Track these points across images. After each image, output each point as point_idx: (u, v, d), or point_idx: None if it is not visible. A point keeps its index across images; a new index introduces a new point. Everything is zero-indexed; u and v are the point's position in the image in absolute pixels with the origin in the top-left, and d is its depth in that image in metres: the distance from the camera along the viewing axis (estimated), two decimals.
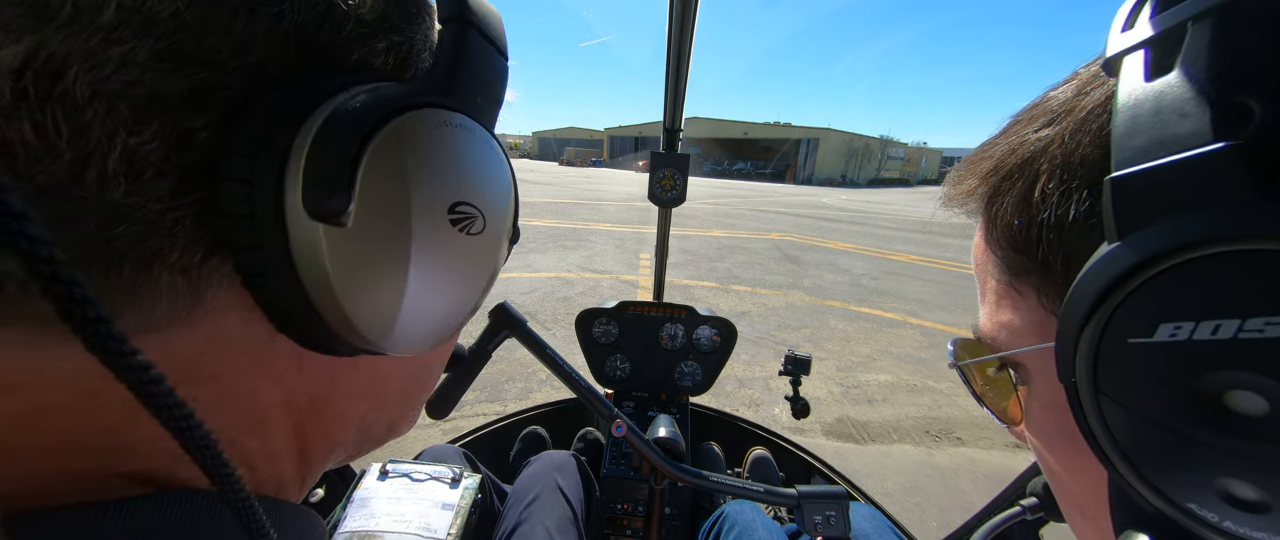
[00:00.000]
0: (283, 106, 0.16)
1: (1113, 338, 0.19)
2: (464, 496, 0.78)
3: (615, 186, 20.37)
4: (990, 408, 0.34)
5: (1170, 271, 0.17)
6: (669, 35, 0.78)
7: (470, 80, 0.23)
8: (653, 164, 1.15)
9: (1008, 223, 0.26)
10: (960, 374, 0.35)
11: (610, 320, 1.41)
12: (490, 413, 2.28)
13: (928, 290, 5.55)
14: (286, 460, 0.23)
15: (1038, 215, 0.23)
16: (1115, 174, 0.18)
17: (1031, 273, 0.25)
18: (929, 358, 3.49)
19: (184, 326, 0.17)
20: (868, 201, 22.28)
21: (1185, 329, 0.17)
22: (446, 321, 0.23)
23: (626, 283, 5.05)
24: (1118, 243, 0.18)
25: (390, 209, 0.18)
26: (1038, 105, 0.26)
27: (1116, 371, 0.19)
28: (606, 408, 0.77)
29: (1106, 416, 0.20)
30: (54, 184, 0.13)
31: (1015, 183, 0.25)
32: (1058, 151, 0.23)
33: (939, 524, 1.79)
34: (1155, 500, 0.19)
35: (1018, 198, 0.25)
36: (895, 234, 10.64)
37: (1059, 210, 0.22)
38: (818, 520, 0.71)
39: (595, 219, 9.76)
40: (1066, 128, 0.23)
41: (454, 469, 0.82)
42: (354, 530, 0.69)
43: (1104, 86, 0.22)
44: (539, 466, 0.99)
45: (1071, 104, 0.23)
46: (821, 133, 48.49)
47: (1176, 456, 0.18)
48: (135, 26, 0.14)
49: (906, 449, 2.34)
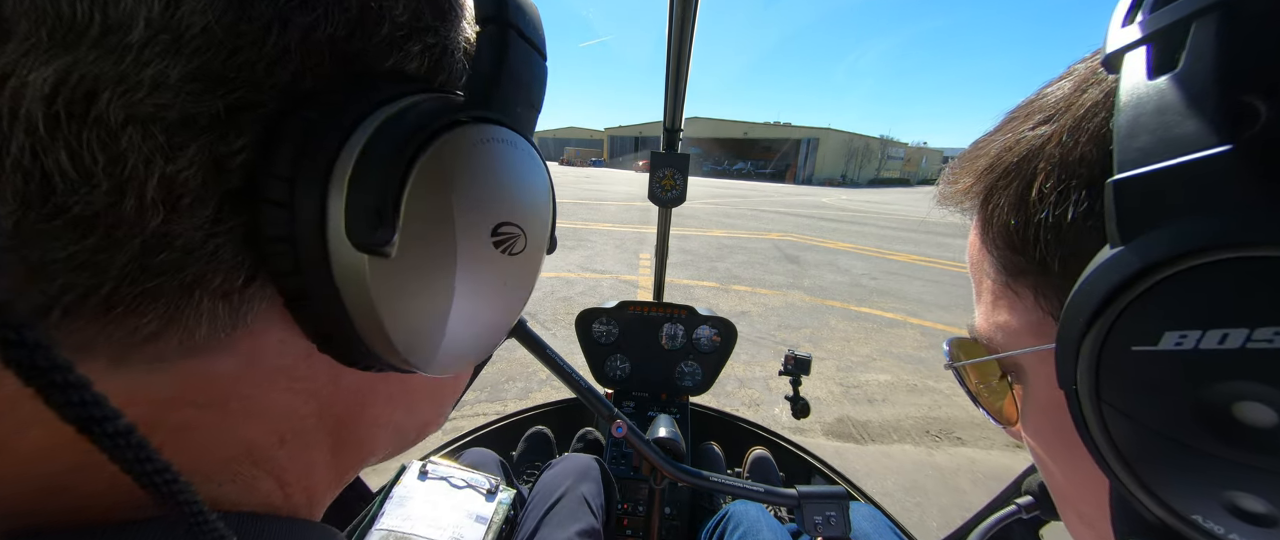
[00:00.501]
0: (322, 125, 0.16)
1: (1115, 345, 0.18)
2: (498, 511, 0.78)
3: (615, 186, 20.36)
4: (986, 408, 0.34)
5: (1175, 278, 0.16)
6: (669, 35, 0.78)
7: (511, 87, 0.21)
8: (653, 164, 1.15)
9: (1004, 222, 0.25)
10: (956, 374, 0.35)
11: (610, 320, 1.41)
12: (490, 413, 2.28)
13: (928, 290, 5.55)
14: (321, 471, 0.23)
15: (1035, 215, 0.23)
16: (1117, 176, 0.18)
17: (1028, 273, 0.25)
18: (929, 358, 3.49)
19: (225, 349, 0.17)
20: (868, 201, 22.27)
21: (1191, 338, 0.16)
22: (488, 341, 0.23)
23: (626, 282, 5.05)
24: (1120, 247, 0.17)
25: (435, 236, 0.18)
26: (1034, 102, 0.25)
27: (1119, 380, 0.18)
28: (606, 408, 0.77)
29: (1108, 425, 0.19)
30: (91, 213, 0.13)
31: (1012, 181, 0.25)
32: (1055, 150, 0.22)
33: (939, 524, 1.79)
34: (1158, 510, 0.19)
35: (1014, 197, 0.24)
36: (895, 234, 10.63)
37: (1057, 210, 0.22)
38: (818, 520, 0.71)
39: (595, 219, 9.76)
40: (1064, 125, 0.22)
41: (491, 480, 0.82)
42: (391, 529, 0.69)
43: (1103, 83, 0.22)
44: (562, 469, 0.98)
45: (1069, 100, 0.23)
46: (821, 133, 48.48)
47: (1181, 468, 0.18)
48: (165, 44, 0.13)
49: (906, 449, 2.34)
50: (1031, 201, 0.23)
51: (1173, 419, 0.17)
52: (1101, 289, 0.18)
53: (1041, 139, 0.23)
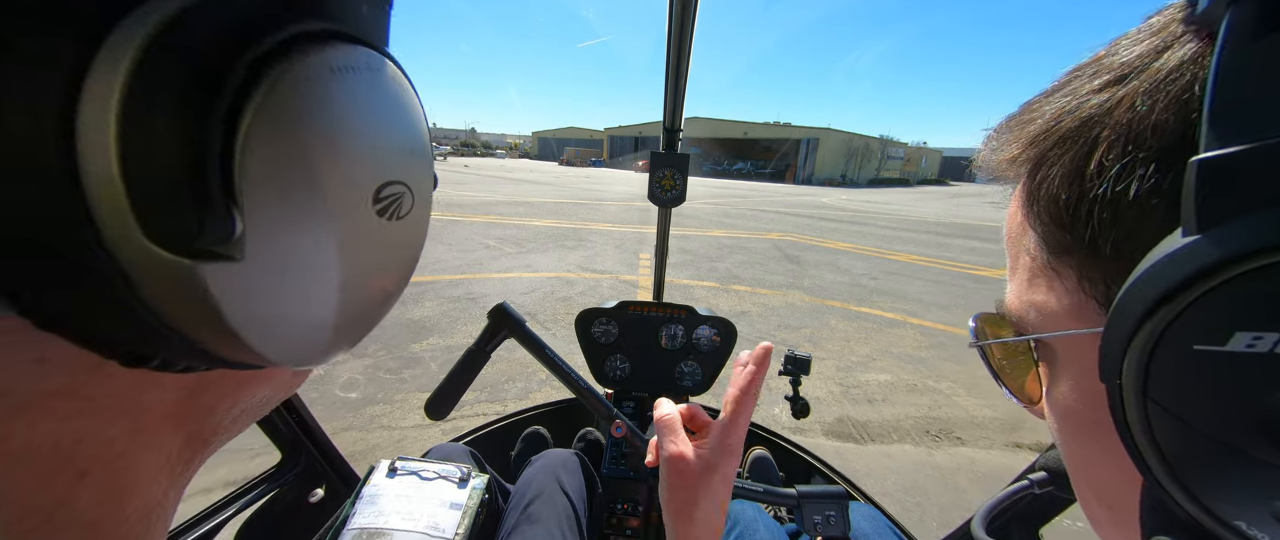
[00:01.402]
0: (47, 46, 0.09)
1: (1174, 342, 0.16)
2: (471, 496, 0.78)
3: (615, 186, 20.36)
4: (1007, 385, 0.32)
5: (1258, 274, 0.15)
6: (669, 35, 0.78)
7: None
8: (653, 164, 1.15)
9: (1053, 195, 0.22)
10: (981, 353, 0.33)
11: (610, 320, 1.41)
12: (490, 413, 2.28)
13: (928, 290, 5.55)
14: (168, 462, 0.18)
15: (1091, 189, 0.20)
16: (1204, 154, 0.15)
17: (1074, 253, 0.22)
18: (929, 358, 3.49)
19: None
20: (868, 201, 22.27)
21: (1267, 340, 0.15)
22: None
23: (626, 282, 5.05)
24: (1196, 236, 0.15)
25: (295, 215, 0.13)
26: (1101, 59, 0.22)
27: (1173, 379, 0.17)
28: (606, 408, 0.77)
29: (1153, 424, 0.18)
30: None
31: (1067, 149, 0.22)
32: (1124, 116, 0.20)
33: (939, 524, 1.79)
34: (1196, 513, 0.18)
35: (1068, 167, 0.21)
36: (895, 234, 10.63)
37: (1117, 186, 0.19)
38: (817, 520, 0.71)
39: (595, 219, 9.75)
40: (1138, 89, 0.19)
41: (462, 468, 0.83)
42: (363, 527, 0.69)
43: (1189, 42, 0.19)
44: (542, 464, 0.99)
45: (1146, 60, 0.20)
46: (821, 132, 48.48)
47: (1234, 475, 0.17)
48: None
49: (906, 449, 2.34)
50: (1088, 174, 0.20)
51: (1232, 425, 0.16)
52: (1167, 280, 0.16)
53: (1108, 103, 0.20)
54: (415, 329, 3.38)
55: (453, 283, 4.55)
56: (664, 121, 1.03)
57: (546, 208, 11.32)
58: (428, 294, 4.13)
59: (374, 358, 2.92)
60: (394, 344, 3.11)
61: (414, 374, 2.76)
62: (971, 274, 6.72)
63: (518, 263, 5.53)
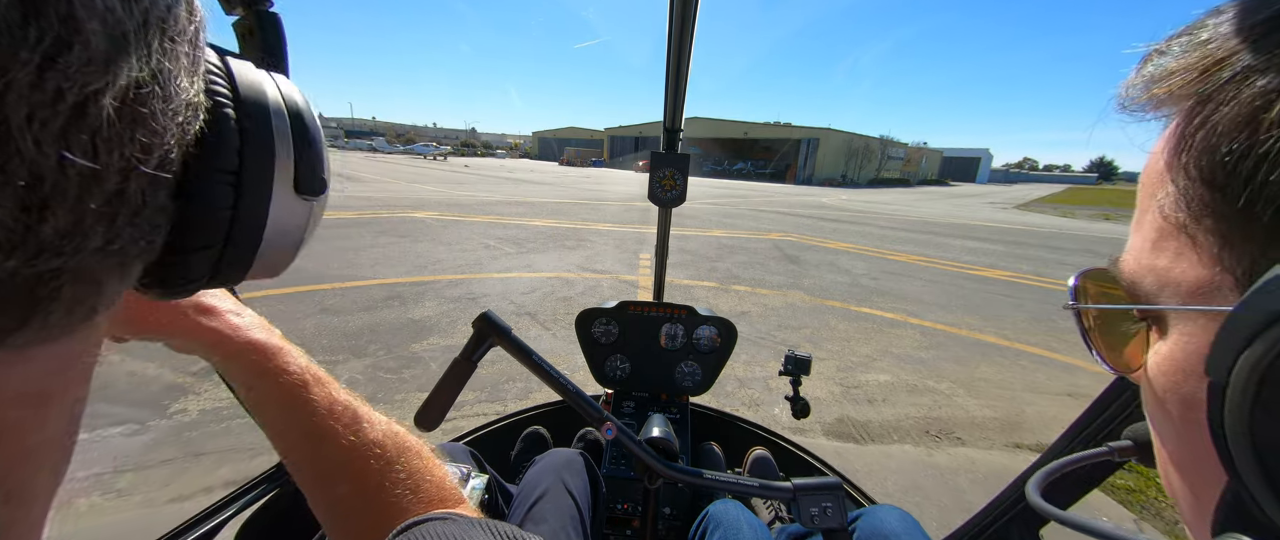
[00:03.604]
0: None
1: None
2: (471, 496, 0.78)
3: (615, 187, 20.36)
4: (1099, 349, 0.28)
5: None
6: (669, 35, 0.78)
7: None
8: (653, 164, 1.15)
9: (1211, 144, 0.18)
10: (1076, 315, 0.29)
11: (610, 320, 1.41)
12: (490, 413, 2.28)
13: (928, 290, 5.55)
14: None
15: (1264, 144, 0.16)
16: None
17: (1221, 218, 0.18)
18: (929, 358, 3.49)
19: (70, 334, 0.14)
20: (868, 201, 22.27)
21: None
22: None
23: (626, 283, 5.05)
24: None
25: None
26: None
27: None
28: (596, 411, 0.77)
29: (1256, 431, 0.16)
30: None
31: (1242, 89, 0.17)
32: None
33: (939, 524, 1.79)
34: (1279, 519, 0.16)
35: (1241, 112, 0.17)
36: (895, 234, 10.63)
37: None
38: (814, 512, 0.71)
39: (595, 219, 9.76)
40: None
41: (462, 468, 0.83)
42: None
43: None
44: (546, 464, 0.99)
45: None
46: (822, 133, 48.46)
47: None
48: None
49: (906, 449, 2.34)
50: (1266, 123, 0.16)
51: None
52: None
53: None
54: (415, 329, 3.38)
55: (453, 282, 4.56)
56: (664, 121, 1.03)
57: (546, 208, 11.32)
58: (428, 294, 4.13)
59: (374, 358, 2.92)
60: (394, 344, 3.11)
61: (414, 374, 2.76)
62: (971, 274, 6.72)
63: (518, 263, 5.54)
